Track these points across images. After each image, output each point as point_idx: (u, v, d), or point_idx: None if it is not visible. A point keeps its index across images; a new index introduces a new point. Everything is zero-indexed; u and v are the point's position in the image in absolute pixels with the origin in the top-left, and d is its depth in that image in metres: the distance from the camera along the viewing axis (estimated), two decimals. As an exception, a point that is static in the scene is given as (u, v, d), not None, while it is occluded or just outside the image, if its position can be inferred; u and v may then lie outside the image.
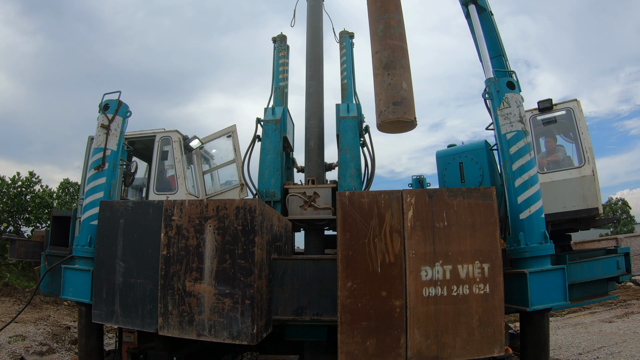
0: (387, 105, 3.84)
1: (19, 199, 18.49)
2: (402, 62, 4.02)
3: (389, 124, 3.86)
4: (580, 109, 6.49)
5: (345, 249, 3.49)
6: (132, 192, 8.16)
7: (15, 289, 14.47)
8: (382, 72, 4.00)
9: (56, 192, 20.80)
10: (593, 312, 13.28)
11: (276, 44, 7.33)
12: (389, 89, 3.89)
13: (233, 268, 3.56)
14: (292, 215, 5.79)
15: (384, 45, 4.06)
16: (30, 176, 19.44)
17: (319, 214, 5.76)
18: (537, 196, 4.44)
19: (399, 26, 4.15)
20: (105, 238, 4.20)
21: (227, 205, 3.66)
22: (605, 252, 6.06)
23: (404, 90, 3.87)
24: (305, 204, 5.78)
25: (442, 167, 6.42)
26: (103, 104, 5.32)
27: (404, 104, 3.80)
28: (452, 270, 3.58)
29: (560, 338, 9.86)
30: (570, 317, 13.00)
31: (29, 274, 17.36)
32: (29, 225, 18.82)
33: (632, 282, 17.86)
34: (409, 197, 3.56)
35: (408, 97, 3.87)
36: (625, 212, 42.89)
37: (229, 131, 8.22)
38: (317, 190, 5.85)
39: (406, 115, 3.75)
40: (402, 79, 3.94)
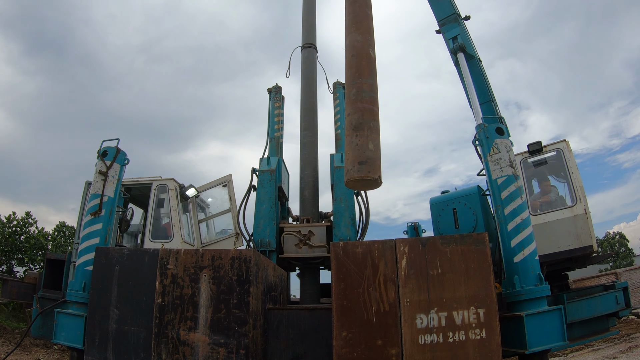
0: (353, 164, 4.03)
1: (14, 239, 18.32)
2: (370, 124, 4.22)
3: (354, 182, 4.03)
4: (569, 149, 6.62)
5: (340, 298, 3.50)
6: (128, 238, 8.15)
7: (5, 330, 14.11)
8: (351, 133, 4.23)
9: (51, 234, 20.67)
10: (596, 349, 13.02)
11: (271, 95, 7.55)
12: (356, 149, 4.07)
13: (228, 318, 3.56)
14: (287, 253, 5.83)
15: (354, 108, 4.30)
16: (26, 216, 19.37)
17: (314, 252, 5.80)
18: (530, 239, 4.48)
19: (371, 90, 4.38)
20: (99, 284, 4.19)
21: (222, 255, 3.70)
22: (603, 288, 6.05)
23: (369, 150, 4.04)
24: (300, 242, 5.84)
25: (436, 214, 6.47)
26: (102, 150, 5.40)
27: (368, 164, 3.95)
28: (447, 316, 3.59)
29: (563, 379, 9.63)
30: (573, 355, 12.72)
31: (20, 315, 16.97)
32: (22, 265, 18.57)
33: (635, 315, 17.59)
34: (402, 246, 3.60)
35: (373, 157, 4.02)
36: (624, 246, 42.73)
37: (225, 181, 8.31)
38: (312, 228, 5.91)
39: (370, 174, 3.90)
40: (369, 140, 4.12)
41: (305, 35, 7.86)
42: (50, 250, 18.26)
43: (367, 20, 4.65)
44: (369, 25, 4.64)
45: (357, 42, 4.52)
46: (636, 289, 20.33)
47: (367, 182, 3.98)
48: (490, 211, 6.10)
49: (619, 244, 42.28)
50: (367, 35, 4.57)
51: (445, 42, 6.41)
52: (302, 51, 7.73)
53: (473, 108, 5.65)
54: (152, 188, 7.50)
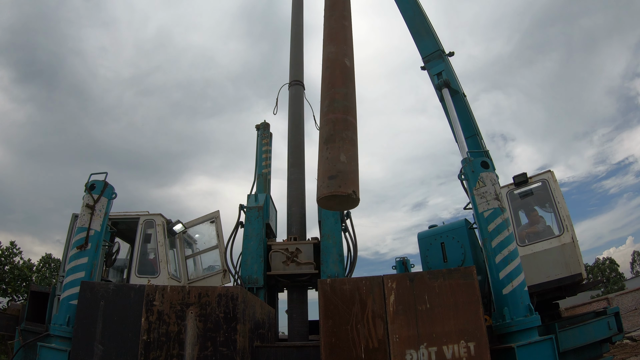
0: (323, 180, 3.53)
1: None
2: (342, 135, 3.76)
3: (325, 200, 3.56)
4: (554, 179, 6.75)
5: (328, 335, 3.46)
6: (114, 272, 8.03)
7: (-15, 363, 13.65)
8: (323, 146, 3.73)
9: (36, 265, 20.27)
10: (591, 379, 12.85)
11: (259, 131, 7.66)
12: (326, 163, 3.59)
13: (214, 356, 3.49)
14: (275, 270, 5.82)
15: (325, 121, 3.82)
16: (11, 246, 19.01)
17: (301, 269, 5.81)
18: (518, 270, 4.51)
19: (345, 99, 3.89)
20: (84, 319, 4.11)
21: (209, 292, 3.66)
22: (595, 315, 6.06)
23: (340, 163, 3.54)
24: (288, 259, 5.85)
25: (424, 248, 6.48)
26: (89, 183, 5.40)
27: (339, 177, 3.39)
28: (437, 351, 3.56)
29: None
30: (568, 385, 12.54)
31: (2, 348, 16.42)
32: (5, 296, 18.11)
33: (629, 339, 17.47)
34: (390, 282, 3.60)
35: (345, 170, 3.46)
36: (614, 270, 42.97)
37: (212, 217, 8.30)
38: (299, 246, 5.94)
39: (341, 189, 3.37)
40: (341, 151, 3.64)
41: (293, 73, 8.00)
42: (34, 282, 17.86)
43: (343, 31, 4.42)
44: (345, 36, 4.41)
45: (330, 53, 4.27)
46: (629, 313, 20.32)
47: (339, 199, 3.53)
48: (479, 244, 6.14)
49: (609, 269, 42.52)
50: (343, 45, 4.31)
51: (430, 78, 6.56)
52: (290, 88, 7.86)
53: (458, 142, 5.75)
54: (139, 223, 7.44)
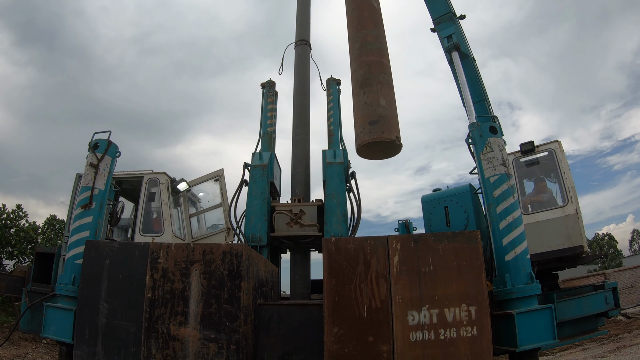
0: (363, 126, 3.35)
1: (3, 232, 18.10)
2: (379, 78, 3.68)
3: (367, 148, 3.42)
4: (561, 149, 6.67)
5: (331, 294, 3.48)
6: (118, 232, 8.09)
7: (-6, 324, 13.98)
8: (359, 91, 3.57)
9: (41, 227, 20.46)
10: (585, 349, 13.15)
11: (265, 89, 7.52)
12: (365, 108, 3.53)
13: (218, 313, 3.53)
14: (279, 232, 5.83)
15: (359, 64, 3.70)
16: (17, 209, 19.15)
17: (304, 230, 5.81)
18: (521, 237, 4.50)
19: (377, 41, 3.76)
20: (89, 278, 4.15)
21: (213, 249, 3.67)
22: (593, 288, 6.10)
23: (381, 107, 3.45)
24: (292, 221, 5.85)
25: (427, 212, 6.49)
26: (93, 142, 5.35)
27: (381, 122, 3.28)
28: (439, 314, 3.59)
29: (552, 377, 9.72)
30: (562, 355, 12.84)
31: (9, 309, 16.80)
32: (12, 259, 18.36)
33: (623, 316, 17.78)
34: (395, 242, 3.59)
35: (387, 115, 3.35)
36: (612, 247, 43.25)
37: (216, 175, 8.26)
38: (303, 208, 5.92)
39: (384, 134, 3.26)
40: (380, 95, 3.56)
41: (299, 32, 7.83)
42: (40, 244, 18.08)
43: None
44: None
45: None
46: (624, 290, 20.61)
47: (382, 146, 3.51)
48: (482, 210, 6.13)
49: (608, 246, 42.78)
50: None
51: (440, 41, 6.41)
52: (296, 48, 7.70)
53: (466, 107, 5.65)
54: (143, 181, 7.44)
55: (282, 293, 6.80)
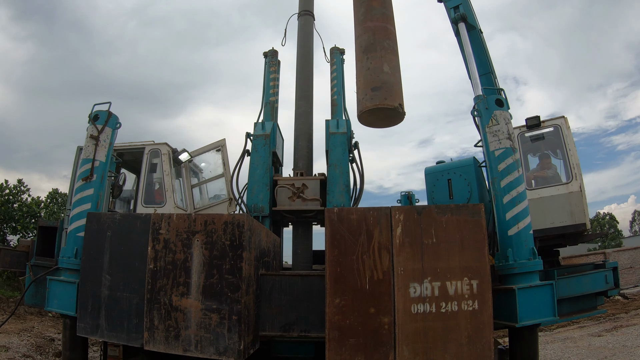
0: (366, 91, 3.36)
1: (6, 207, 18.22)
2: (383, 44, 3.59)
3: (368, 114, 3.42)
4: (567, 125, 6.59)
5: (333, 265, 3.46)
6: (120, 204, 8.10)
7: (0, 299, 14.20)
8: (362, 56, 3.56)
9: (44, 201, 20.57)
10: (582, 327, 13.33)
11: (267, 59, 7.37)
12: (368, 74, 3.42)
13: (220, 283, 3.53)
14: (281, 206, 5.79)
15: (363, 29, 3.65)
16: (19, 184, 19.23)
17: (307, 205, 5.76)
18: (525, 212, 4.47)
19: (382, 7, 3.71)
20: (91, 250, 4.15)
21: (215, 220, 3.64)
22: (594, 267, 6.10)
23: (384, 73, 3.36)
24: (294, 195, 5.79)
25: (430, 184, 6.43)
26: (93, 114, 5.30)
27: (384, 89, 3.28)
28: (440, 286, 3.58)
29: (550, 353, 9.86)
30: (559, 331, 13.02)
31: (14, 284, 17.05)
32: (15, 234, 18.53)
33: (621, 296, 17.99)
34: (398, 213, 3.56)
35: (390, 81, 3.34)
36: (613, 227, 43.38)
37: (218, 145, 8.22)
38: (306, 182, 5.84)
39: (387, 101, 3.27)
40: (384, 61, 3.49)
41: (302, 2, 7.64)
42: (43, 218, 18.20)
43: None
44: None
45: None
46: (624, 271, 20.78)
47: (385, 113, 3.49)
48: (485, 184, 6.08)
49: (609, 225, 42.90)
50: None
51: (447, 11, 6.23)
52: (299, 18, 7.53)
53: (472, 79, 5.54)
54: (145, 153, 7.41)
55: (285, 263, 6.83)
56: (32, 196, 19.61)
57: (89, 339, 5.61)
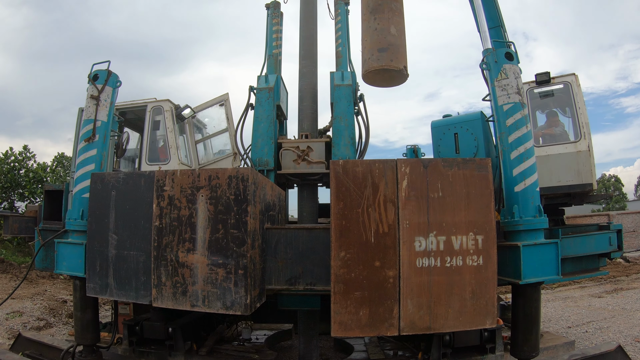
0: (372, 52, 3.45)
1: (13, 175, 18.32)
2: (391, 5, 3.63)
3: (374, 74, 3.51)
4: (578, 83, 6.44)
5: (338, 218, 3.44)
6: (125, 163, 8.09)
7: (11, 265, 14.51)
8: (369, 16, 3.58)
9: (50, 166, 20.64)
10: (583, 287, 13.51)
11: (269, 10, 7.11)
12: (375, 35, 3.51)
13: (226, 238, 3.53)
14: (285, 169, 5.74)
15: None
16: (24, 150, 19.28)
17: (312, 167, 5.70)
18: (532, 169, 4.40)
19: None
20: (97, 211, 4.15)
21: (219, 174, 3.60)
22: (598, 228, 6.09)
23: (391, 35, 3.48)
24: (299, 157, 5.72)
25: (436, 138, 6.31)
26: (92, 74, 5.21)
27: (390, 51, 3.40)
28: (445, 241, 3.56)
29: (550, 311, 10.03)
30: (560, 290, 13.22)
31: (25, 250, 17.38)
32: (23, 200, 18.72)
33: (622, 259, 18.15)
34: (404, 166, 3.50)
35: (396, 44, 3.45)
36: (618, 190, 43.22)
37: (222, 100, 8.09)
38: (311, 144, 5.77)
39: (393, 63, 3.36)
40: (390, 23, 3.56)
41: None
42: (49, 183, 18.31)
43: None
44: None
45: None
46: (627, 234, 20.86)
47: (390, 74, 3.53)
48: (492, 139, 6.00)
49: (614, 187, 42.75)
50: None
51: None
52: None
53: (481, 32, 5.34)
54: (147, 110, 7.33)
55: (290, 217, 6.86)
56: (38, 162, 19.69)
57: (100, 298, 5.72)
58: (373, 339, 6.90)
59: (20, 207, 18.66)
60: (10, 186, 18.33)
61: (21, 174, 18.60)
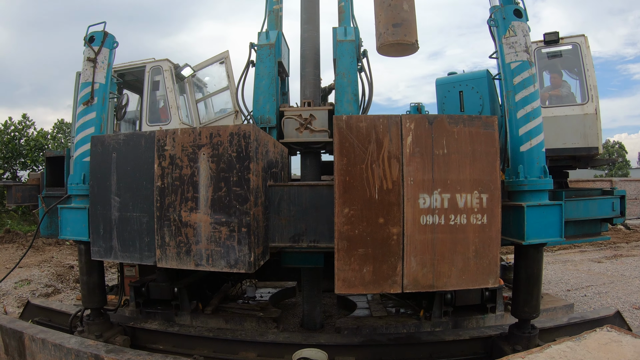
0: (387, 27, 3.62)
1: (13, 144, 18.29)
2: None
3: (388, 47, 3.66)
4: (587, 45, 6.27)
5: (342, 174, 3.39)
6: (125, 126, 8.03)
7: (18, 235, 14.68)
8: None
9: (51, 133, 20.58)
10: (583, 251, 13.63)
11: None
12: (389, 10, 3.66)
13: (228, 196, 3.51)
14: (288, 138, 5.68)
15: None
16: (23, 119, 19.16)
17: (315, 136, 5.63)
18: (539, 129, 4.33)
19: None
20: (98, 174, 4.13)
21: (220, 132, 3.55)
22: (602, 192, 6.05)
23: (404, 11, 3.64)
24: (301, 126, 5.63)
25: (441, 95, 6.23)
26: (88, 36, 5.09)
27: (404, 26, 3.58)
28: (450, 199, 3.52)
29: (550, 273, 10.16)
30: (561, 253, 13.36)
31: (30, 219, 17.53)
32: (25, 169, 18.76)
33: (623, 226, 18.23)
34: (409, 122, 3.43)
35: (409, 19, 3.63)
36: (621, 156, 42.93)
37: (222, 57, 7.96)
38: (313, 112, 5.67)
39: (407, 37, 3.54)
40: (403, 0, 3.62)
41: None
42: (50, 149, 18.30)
43: None
44: None
45: None
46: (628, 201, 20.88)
47: (403, 47, 3.70)
48: (498, 98, 5.90)
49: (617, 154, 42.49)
50: None
51: None
52: None
53: (490, -13, 5.16)
54: (146, 71, 7.24)
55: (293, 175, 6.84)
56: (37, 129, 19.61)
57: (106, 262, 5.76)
58: (375, 296, 7.02)
59: (23, 176, 18.72)
60: (12, 156, 18.33)
61: (22, 143, 18.57)
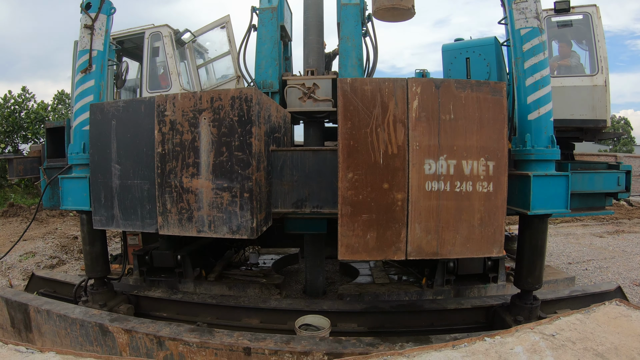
0: None
1: (14, 118, 18.18)
2: None
3: (384, 11, 3.55)
4: (599, 15, 6.08)
5: (346, 138, 3.32)
6: (126, 94, 7.92)
7: (21, 208, 14.73)
8: None
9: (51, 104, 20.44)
10: (585, 225, 13.64)
11: None
12: None
13: (230, 161, 3.45)
14: (291, 107, 5.58)
15: None
16: (22, 92, 18.99)
17: (318, 105, 5.51)
18: (547, 98, 4.22)
19: None
20: (98, 142, 4.08)
21: (221, 95, 3.46)
22: (608, 166, 5.97)
23: None
24: (305, 95, 5.51)
25: (447, 62, 6.06)
26: (84, 2, 4.94)
27: None
28: (456, 165, 3.46)
29: (552, 246, 10.18)
30: (563, 226, 13.37)
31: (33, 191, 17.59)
32: (27, 142, 18.71)
33: (626, 202, 18.18)
34: (415, 86, 3.33)
35: None
36: (627, 132, 42.45)
37: (223, 22, 7.76)
38: (317, 81, 5.55)
39: (403, 2, 3.41)
40: None
41: None
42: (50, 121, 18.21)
43: None
44: None
45: None
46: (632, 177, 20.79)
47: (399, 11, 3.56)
48: (505, 66, 5.75)
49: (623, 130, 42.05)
50: None
51: None
52: None
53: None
54: (145, 37, 7.09)
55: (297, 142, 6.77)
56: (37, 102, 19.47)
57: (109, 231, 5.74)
58: (378, 263, 7.05)
59: (25, 148, 18.68)
60: (13, 129, 18.25)
61: (22, 116, 18.45)
